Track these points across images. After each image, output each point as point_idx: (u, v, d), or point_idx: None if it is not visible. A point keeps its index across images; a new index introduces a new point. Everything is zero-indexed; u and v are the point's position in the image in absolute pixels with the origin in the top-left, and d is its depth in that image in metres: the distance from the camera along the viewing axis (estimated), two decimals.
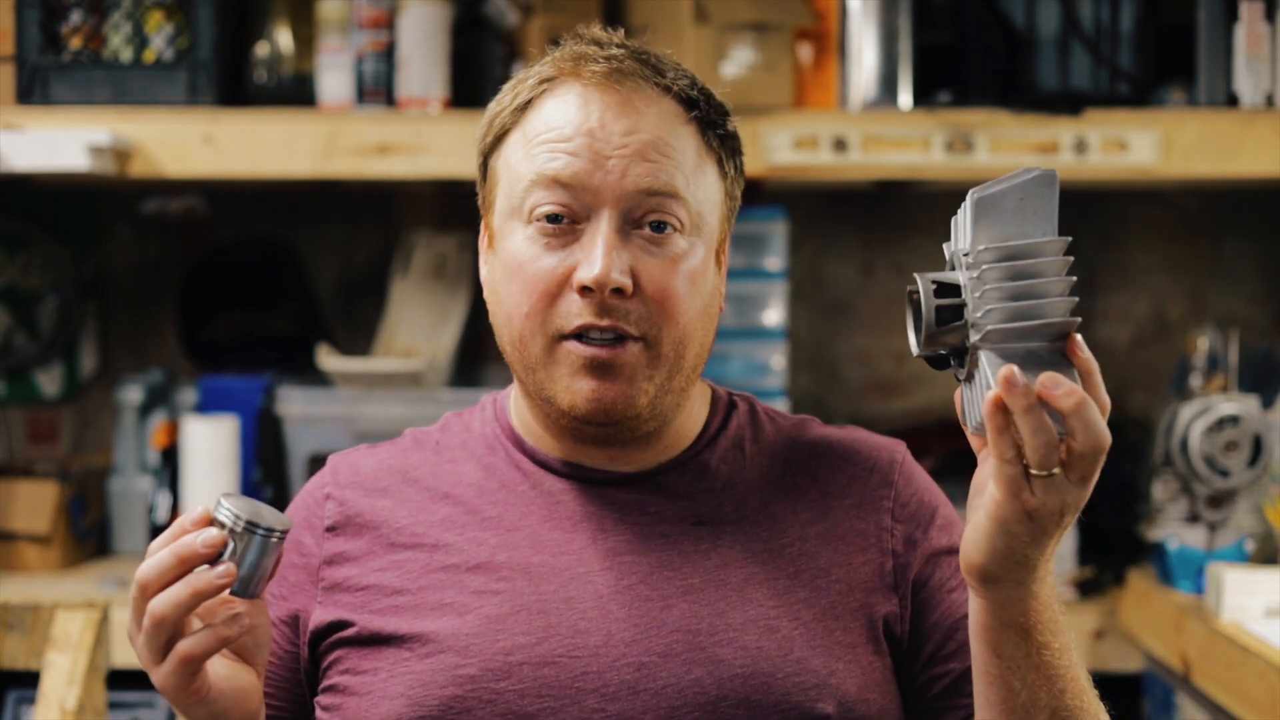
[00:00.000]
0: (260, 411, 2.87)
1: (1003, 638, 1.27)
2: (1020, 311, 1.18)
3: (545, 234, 1.37)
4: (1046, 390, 1.15)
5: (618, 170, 1.36)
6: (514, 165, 1.41)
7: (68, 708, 1.93)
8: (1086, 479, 1.18)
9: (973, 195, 1.21)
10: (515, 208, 1.40)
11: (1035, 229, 1.20)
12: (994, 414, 1.16)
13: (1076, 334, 1.19)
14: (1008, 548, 1.22)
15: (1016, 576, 1.24)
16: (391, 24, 2.78)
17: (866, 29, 2.82)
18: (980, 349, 1.19)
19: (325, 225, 3.31)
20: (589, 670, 1.34)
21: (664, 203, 1.37)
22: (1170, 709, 2.54)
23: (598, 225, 1.36)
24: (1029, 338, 1.18)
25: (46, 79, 2.75)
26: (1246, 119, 2.73)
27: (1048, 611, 1.27)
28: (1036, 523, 1.20)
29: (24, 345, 3.19)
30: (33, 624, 2.01)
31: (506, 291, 1.40)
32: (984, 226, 1.20)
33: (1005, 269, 1.19)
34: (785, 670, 1.35)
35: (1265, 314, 3.30)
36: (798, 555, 1.41)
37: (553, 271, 1.37)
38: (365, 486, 1.47)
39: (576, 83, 1.40)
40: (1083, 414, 1.15)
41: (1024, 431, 1.16)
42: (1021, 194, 1.21)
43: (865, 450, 1.49)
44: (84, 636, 1.98)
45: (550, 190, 1.37)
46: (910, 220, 3.33)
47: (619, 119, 1.38)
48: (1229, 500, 2.62)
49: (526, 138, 1.40)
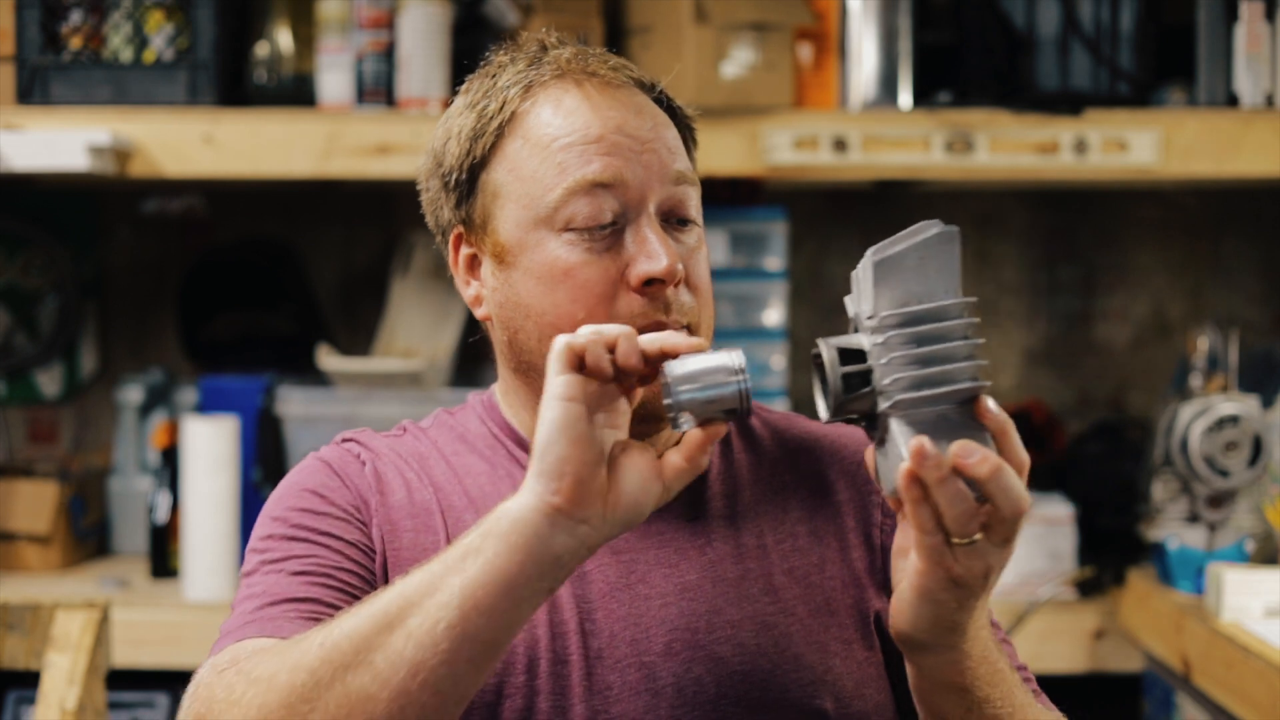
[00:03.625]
0: (260, 411, 2.87)
1: (943, 698, 1.27)
2: (927, 379, 1.16)
3: (586, 239, 1.35)
4: (960, 460, 1.13)
5: (655, 164, 1.37)
6: (532, 174, 1.37)
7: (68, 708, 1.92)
8: (1009, 540, 1.17)
9: (871, 255, 1.19)
10: (543, 217, 1.37)
11: (938, 288, 1.18)
12: (909, 486, 1.15)
13: (986, 397, 1.17)
14: (935, 615, 1.20)
15: (948, 641, 1.23)
16: (391, 24, 2.78)
17: (866, 29, 2.82)
18: (890, 416, 1.17)
19: (325, 225, 3.31)
20: (593, 671, 1.34)
21: (687, 192, 1.39)
22: (1170, 709, 2.54)
23: (643, 220, 1.36)
24: (937, 403, 1.17)
25: (46, 79, 2.75)
26: (1246, 119, 2.73)
27: (984, 665, 1.26)
28: (962, 588, 1.18)
29: (24, 345, 3.19)
30: (33, 624, 2.01)
31: (549, 301, 1.36)
32: (886, 288, 1.18)
33: (909, 334, 1.17)
34: (783, 667, 1.35)
35: (1265, 314, 3.30)
36: (790, 552, 1.41)
37: (606, 274, 1.35)
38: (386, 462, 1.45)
39: (571, 84, 1.39)
40: (999, 480, 1.14)
41: (941, 502, 1.14)
42: (922, 253, 1.19)
43: (853, 446, 1.48)
44: (84, 636, 1.98)
45: (592, 195, 1.35)
46: (910, 220, 3.28)
47: (633, 115, 1.38)
48: (1229, 500, 2.62)
49: (539, 145, 1.37)
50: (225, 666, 1.23)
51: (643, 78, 1.43)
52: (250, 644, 1.25)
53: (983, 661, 1.26)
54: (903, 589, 1.22)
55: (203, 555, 2.70)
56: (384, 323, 3.02)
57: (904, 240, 1.20)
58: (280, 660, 1.19)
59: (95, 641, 1.99)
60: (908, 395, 1.16)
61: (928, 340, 1.17)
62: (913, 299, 1.18)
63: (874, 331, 1.19)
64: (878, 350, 1.18)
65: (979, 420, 1.17)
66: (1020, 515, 1.15)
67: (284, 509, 1.40)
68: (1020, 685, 1.31)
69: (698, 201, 1.41)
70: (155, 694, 2.72)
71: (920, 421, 1.16)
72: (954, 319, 1.18)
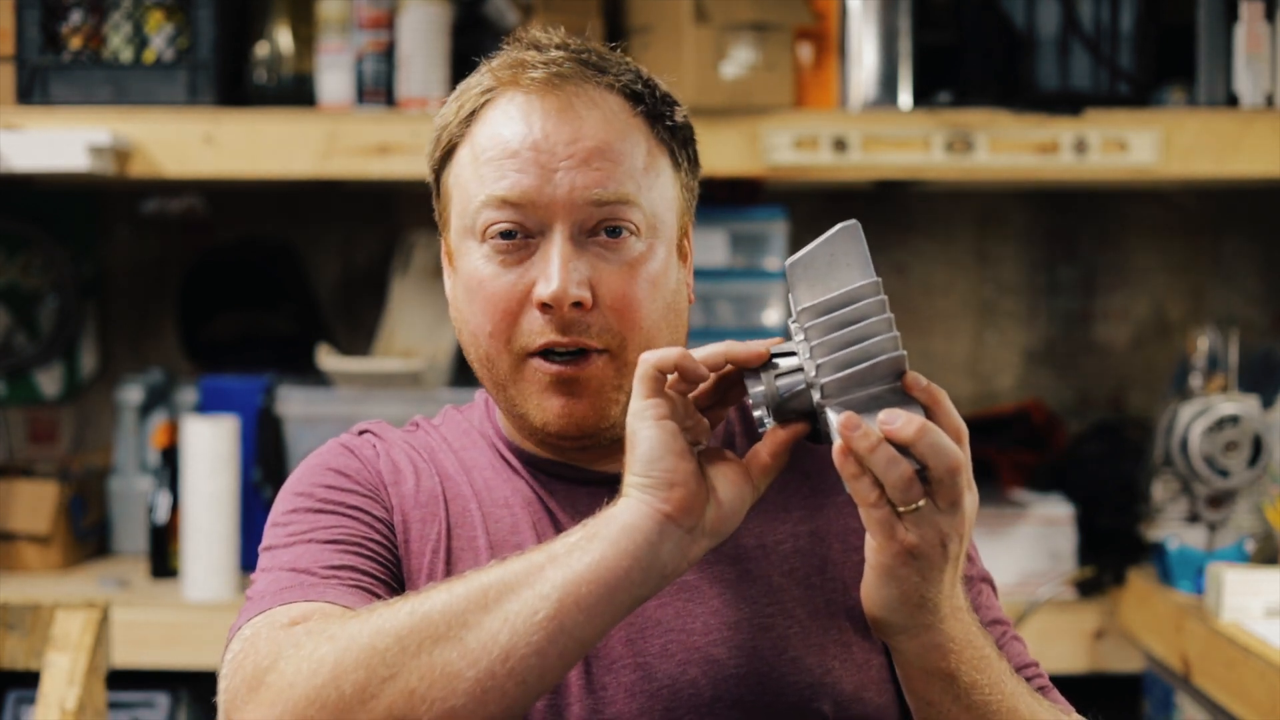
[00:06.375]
0: (260, 411, 2.87)
1: (928, 685, 1.27)
2: (848, 359, 1.19)
3: (500, 251, 1.36)
4: (886, 426, 1.15)
5: (565, 183, 1.35)
6: (464, 183, 1.39)
7: (68, 708, 1.92)
8: (956, 504, 1.18)
9: (787, 263, 1.23)
10: (469, 226, 1.39)
11: (850, 278, 1.22)
12: (844, 462, 1.17)
13: (911, 371, 1.19)
14: (901, 593, 1.21)
15: (922, 620, 1.23)
16: (391, 24, 2.78)
17: (866, 29, 2.82)
18: (825, 407, 1.20)
19: (325, 225, 3.31)
20: (589, 671, 1.34)
21: (616, 210, 1.36)
22: (1170, 709, 2.54)
23: (551, 240, 1.35)
24: (866, 383, 1.20)
25: (46, 79, 2.75)
26: (1246, 119, 2.73)
27: (969, 649, 1.26)
28: (920, 559, 1.19)
29: (24, 345, 3.19)
30: (33, 624, 2.01)
31: (469, 310, 1.39)
32: (804, 289, 1.23)
33: (825, 322, 1.21)
34: (781, 669, 1.35)
35: (1265, 314, 3.30)
36: (791, 554, 1.41)
37: (511, 289, 1.36)
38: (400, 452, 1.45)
39: (518, 91, 1.38)
40: (928, 439, 1.15)
41: (878, 471, 1.16)
42: (831, 249, 1.23)
43: None
44: (84, 636, 1.98)
45: (500, 210, 1.36)
46: (910, 220, 3.33)
47: (561, 127, 1.36)
48: (1229, 500, 2.62)
49: (474, 155, 1.38)
50: (287, 623, 1.23)
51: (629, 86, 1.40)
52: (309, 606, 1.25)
53: (966, 645, 1.26)
54: (866, 574, 1.23)
55: (203, 555, 2.70)
56: (384, 323, 3.01)
57: (814, 243, 1.24)
58: (362, 624, 1.19)
59: (95, 641, 1.99)
60: (834, 378, 1.19)
61: (844, 324, 1.21)
62: (828, 293, 1.22)
63: (798, 331, 1.22)
64: (803, 347, 1.22)
65: (910, 396, 1.19)
66: (955, 471, 1.16)
67: (308, 484, 1.41)
68: (1011, 673, 1.31)
69: (650, 211, 1.38)
70: (155, 694, 2.72)
71: (853, 405, 1.19)
72: (866, 299, 1.21)
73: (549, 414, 1.36)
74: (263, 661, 1.20)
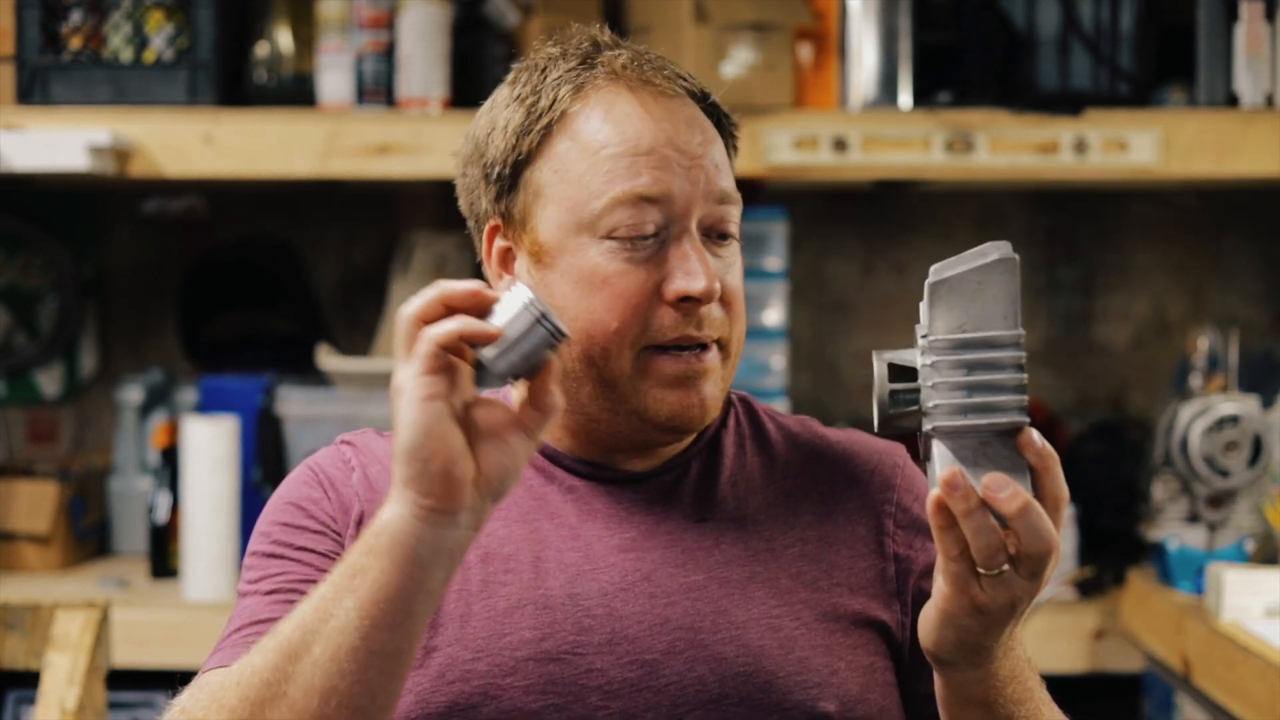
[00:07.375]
0: (260, 411, 2.87)
1: (963, 711, 1.28)
2: (971, 407, 1.16)
3: (628, 249, 1.35)
4: (990, 493, 1.13)
5: (701, 180, 1.36)
6: (578, 178, 1.37)
7: (68, 708, 1.92)
8: (1038, 575, 1.17)
9: (931, 274, 1.20)
10: (586, 223, 1.36)
11: (993, 314, 1.18)
12: (936, 513, 1.15)
13: (1031, 430, 1.17)
14: (958, 639, 1.21)
15: (972, 661, 1.23)
16: (391, 24, 2.78)
17: (866, 29, 2.82)
18: (933, 438, 1.18)
19: (325, 225, 3.31)
20: (593, 667, 1.34)
21: (729, 210, 1.38)
22: (1170, 709, 2.54)
23: (685, 236, 1.36)
24: (979, 433, 1.17)
25: (46, 79, 2.75)
26: (1246, 119, 2.73)
27: (1012, 685, 1.26)
28: (987, 615, 1.19)
29: (24, 345, 3.19)
30: (33, 624, 2.01)
31: (582, 307, 1.36)
32: (941, 309, 1.19)
33: (958, 360, 1.17)
34: (787, 669, 1.35)
35: (1265, 314, 3.30)
36: (799, 557, 1.41)
37: (642, 285, 1.35)
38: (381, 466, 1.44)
39: (620, 87, 1.38)
40: (1027, 519, 1.14)
41: (967, 533, 1.14)
42: (981, 278, 1.18)
43: (866, 454, 1.48)
44: (84, 636, 1.98)
45: (637, 207, 1.35)
46: (910, 220, 3.33)
47: (685, 128, 1.37)
48: (1229, 500, 2.62)
49: (588, 149, 1.37)
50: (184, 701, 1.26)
51: (696, 88, 1.42)
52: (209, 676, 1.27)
53: (1011, 680, 1.26)
54: (928, 608, 1.23)
55: (203, 555, 2.70)
56: (384, 323, 3.02)
57: (965, 262, 1.19)
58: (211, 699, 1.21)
59: (95, 641, 1.99)
60: (949, 422, 1.17)
61: (976, 368, 1.17)
62: (967, 324, 1.18)
63: (925, 351, 1.19)
64: (927, 371, 1.18)
65: (1020, 453, 1.17)
66: (1046, 555, 1.15)
67: (267, 524, 1.42)
68: (1049, 703, 1.31)
69: (738, 217, 1.41)
70: (155, 694, 2.72)
71: (962, 446, 1.17)
72: (1004, 350, 1.17)
73: (670, 407, 1.36)
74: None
